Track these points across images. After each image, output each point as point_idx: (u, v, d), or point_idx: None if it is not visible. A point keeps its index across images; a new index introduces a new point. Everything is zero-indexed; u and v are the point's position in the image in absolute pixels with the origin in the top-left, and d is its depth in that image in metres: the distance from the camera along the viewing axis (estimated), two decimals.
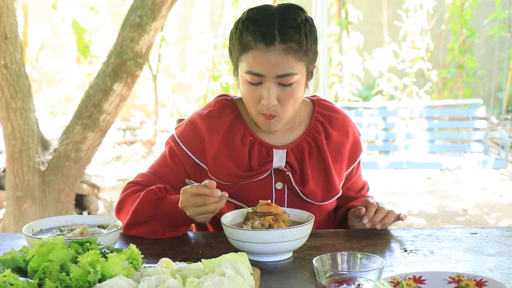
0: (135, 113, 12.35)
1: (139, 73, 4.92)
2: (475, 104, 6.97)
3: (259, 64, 2.09)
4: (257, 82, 2.11)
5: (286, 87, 2.12)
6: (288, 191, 2.26)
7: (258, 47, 2.09)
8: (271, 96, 2.10)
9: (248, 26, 2.12)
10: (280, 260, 1.91)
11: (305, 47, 2.12)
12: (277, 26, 2.09)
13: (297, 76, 2.11)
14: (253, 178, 2.23)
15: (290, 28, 2.09)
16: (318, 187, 2.26)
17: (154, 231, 2.17)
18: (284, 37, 2.08)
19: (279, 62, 2.08)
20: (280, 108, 2.14)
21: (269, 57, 2.08)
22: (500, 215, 6.68)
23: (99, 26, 10.21)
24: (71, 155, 4.92)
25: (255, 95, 2.14)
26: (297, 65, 2.11)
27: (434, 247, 2.02)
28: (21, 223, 4.86)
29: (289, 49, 2.08)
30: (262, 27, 2.09)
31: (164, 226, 2.16)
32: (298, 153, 2.27)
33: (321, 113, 2.34)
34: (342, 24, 8.62)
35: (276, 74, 2.09)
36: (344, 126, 2.35)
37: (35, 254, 1.53)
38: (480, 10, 10.54)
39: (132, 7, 4.81)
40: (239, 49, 2.14)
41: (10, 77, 4.60)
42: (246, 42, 2.11)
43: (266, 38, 2.08)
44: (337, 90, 9.49)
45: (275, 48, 2.08)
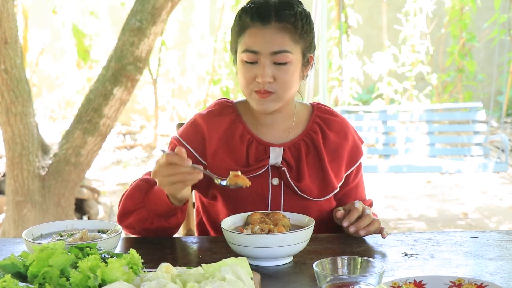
0: (135, 117, 12.36)
1: (139, 78, 4.93)
2: (475, 107, 6.97)
3: (254, 42, 2.16)
4: (253, 60, 2.17)
5: (281, 65, 2.17)
6: (284, 187, 2.28)
7: (255, 25, 2.17)
8: (265, 73, 2.15)
9: (246, 10, 2.22)
10: (280, 265, 1.91)
11: (301, 30, 2.19)
12: (273, 8, 2.18)
13: (291, 55, 2.17)
14: (250, 173, 2.24)
15: (286, 10, 2.18)
16: (314, 184, 2.29)
17: (143, 219, 2.17)
18: (279, 16, 2.17)
19: (274, 39, 2.16)
20: (276, 86, 2.18)
21: (264, 34, 2.16)
22: (500, 219, 6.67)
23: (99, 31, 10.23)
24: (71, 159, 4.92)
25: (250, 74, 2.19)
26: (292, 45, 2.18)
27: (434, 251, 2.02)
28: (21, 228, 4.85)
29: (284, 28, 2.17)
30: (259, 9, 2.18)
31: (152, 215, 2.16)
32: (295, 151, 2.30)
33: (319, 116, 2.38)
34: (341, 28, 8.63)
35: (271, 50, 2.15)
36: (343, 129, 2.38)
37: (35, 259, 1.52)
38: (479, 14, 10.55)
39: (132, 11, 4.81)
40: (237, 32, 2.23)
41: (10, 81, 4.60)
42: (244, 23, 2.20)
43: (262, 16, 2.17)
44: (337, 94, 9.50)
45: (271, 26, 2.16)
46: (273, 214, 2.05)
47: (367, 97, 11.72)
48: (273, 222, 2.00)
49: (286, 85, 2.19)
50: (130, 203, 2.19)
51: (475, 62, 10.12)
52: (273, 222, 1.99)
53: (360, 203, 2.20)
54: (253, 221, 2.01)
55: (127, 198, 2.21)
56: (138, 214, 2.17)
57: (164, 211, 2.15)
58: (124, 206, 2.21)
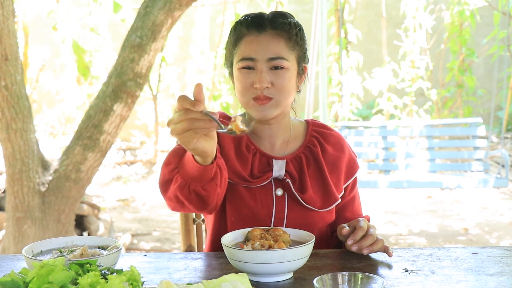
0: (135, 133, 12.38)
1: (139, 94, 4.93)
2: (475, 123, 6.98)
3: (251, 49, 2.20)
4: (250, 66, 2.19)
5: (278, 71, 2.19)
6: (288, 198, 2.29)
7: (250, 33, 2.23)
8: (263, 78, 2.17)
9: (241, 21, 2.27)
10: (281, 281, 1.91)
11: (295, 38, 2.24)
12: (268, 17, 2.25)
13: (287, 62, 2.21)
14: (254, 184, 2.27)
15: (279, 19, 2.24)
16: (317, 195, 2.30)
17: (180, 186, 2.04)
18: (274, 24, 2.22)
19: (270, 45, 2.20)
20: (274, 91, 2.20)
21: (260, 40, 2.20)
22: (501, 234, 6.66)
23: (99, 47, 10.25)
24: (71, 175, 4.92)
25: (247, 81, 2.20)
26: (288, 52, 2.22)
27: (435, 267, 2.01)
28: (21, 244, 4.85)
29: (280, 35, 2.22)
30: (254, 18, 2.25)
31: (187, 179, 2.03)
32: (297, 163, 2.33)
33: (315, 130, 2.42)
34: (341, 44, 8.66)
35: (267, 56, 2.19)
36: (339, 142, 2.42)
37: (35, 276, 1.52)
38: (479, 30, 10.58)
39: (132, 27, 4.82)
40: (233, 42, 2.27)
41: (11, 98, 4.61)
42: (239, 33, 2.25)
43: (257, 24, 2.22)
44: (337, 110, 9.51)
45: (266, 33, 2.22)
46: (273, 230, 2.05)
47: (367, 112, 11.74)
48: (273, 238, 2.00)
49: (284, 90, 2.21)
50: (166, 170, 2.09)
51: (475, 77, 10.14)
52: (274, 238, 1.99)
53: (365, 221, 2.18)
54: (253, 237, 2.01)
55: (165, 166, 2.11)
56: (176, 181, 2.06)
57: (196, 173, 2.01)
58: (162, 176, 2.11)
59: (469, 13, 9.47)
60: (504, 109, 9.05)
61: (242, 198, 2.27)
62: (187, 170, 2.03)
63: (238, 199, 2.26)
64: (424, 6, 10.02)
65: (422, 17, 9.99)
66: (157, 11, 4.71)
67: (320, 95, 7.21)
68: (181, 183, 2.05)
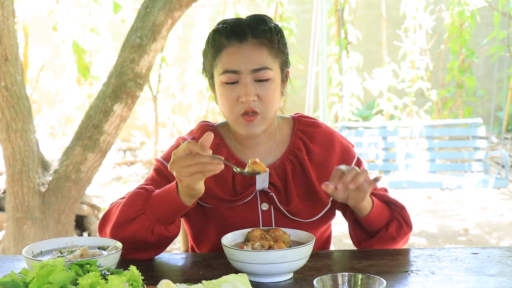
0: (135, 133, 12.38)
1: (139, 94, 4.93)
2: (475, 123, 6.97)
3: (233, 61, 2.12)
4: (234, 80, 2.12)
5: (263, 82, 2.13)
6: (275, 211, 2.25)
7: (231, 44, 2.13)
8: (249, 91, 2.11)
9: (219, 30, 2.18)
10: (281, 281, 1.91)
11: (277, 45, 2.16)
12: (247, 25, 2.15)
13: (272, 72, 2.14)
14: (237, 202, 2.23)
15: (260, 26, 2.15)
16: (304, 205, 2.25)
17: (143, 228, 2.07)
18: (255, 32, 2.14)
19: (253, 55, 2.12)
20: (260, 105, 2.14)
21: (242, 51, 2.12)
22: (501, 235, 6.66)
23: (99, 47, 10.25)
24: (71, 176, 4.92)
25: (232, 96, 2.14)
26: (271, 60, 2.14)
27: (435, 267, 2.01)
28: (21, 244, 4.85)
29: (262, 43, 2.13)
30: (233, 27, 2.15)
31: (153, 220, 2.06)
32: (281, 172, 2.26)
33: (301, 130, 2.33)
34: (341, 44, 8.66)
35: (251, 68, 2.11)
36: (327, 138, 2.33)
37: (35, 276, 1.52)
38: (479, 30, 10.58)
39: (132, 28, 4.82)
40: (213, 54, 2.18)
41: (11, 98, 4.61)
42: (219, 43, 2.16)
43: (238, 34, 2.13)
44: (337, 110, 9.51)
45: (248, 42, 2.13)
46: (273, 230, 2.05)
47: (367, 113, 11.74)
48: (273, 238, 2.00)
49: (269, 103, 2.15)
50: (129, 210, 2.08)
51: (475, 78, 10.14)
52: (274, 239, 1.99)
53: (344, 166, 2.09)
54: (254, 238, 2.01)
55: (126, 207, 2.10)
56: (138, 222, 2.07)
57: (170, 214, 2.07)
58: (122, 215, 2.09)
59: (469, 13, 9.46)
60: (504, 109, 9.05)
61: (226, 219, 2.22)
62: (158, 213, 2.07)
63: (222, 220, 2.22)
64: (424, 6, 10.01)
65: (422, 18, 9.98)
66: (157, 12, 4.71)
67: (320, 95, 7.21)
68: (145, 225, 2.08)
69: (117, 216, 2.11)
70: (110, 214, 2.19)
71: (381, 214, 2.21)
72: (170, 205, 2.06)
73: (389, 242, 2.23)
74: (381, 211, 2.21)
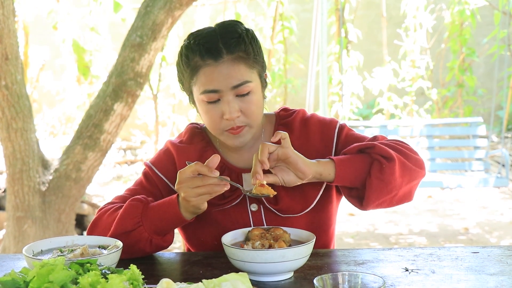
0: (136, 132, 12.37)
1: (139, 93, 4.93)
2: (475, 122, 6.97)
3: (212, 80, 2.09)
4: (215, 99, 2.10)
5: (244, 96, 2.11)
6: (265, 211, 2.24)
7: (207, 64, 2.09)
8: (232, 109, 2.09)
9: (192, 48, 2.12)
10: (281, 280, 1.91)
11: (253, 54, 2.13)
12: (220, 40, 2.10)
13: (252, 84, 2.11)
14: (226, 205, 2.23)
15: (233, 39, 2.10)
16: (294, 200, 2.23)
17: (141, 240, 2.10)
18: (229, 48, 2.09)
19: (231, 72, 2.08)
20: (245, 118, 2.13)
21: (220, 70, 2.08)
22: (501, 234, 6.66)
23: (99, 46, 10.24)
24: (72, 175, 4.92)
25: (216, 113, 2.12)
26: (249, 72, 2.11)
27: (435, 266, 2.01)
28: (21, 243, 4.85)
29: (238, 58, 2.09)
30: (206, 44, 2.10)
31: (151, 232, 2.09)
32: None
33: (281, 123, 2.32)
34: (342, 43, 8.65)
35: (231, 85, 2.08)
36: (302, 123, 2.30)
37: (36, 275, 1.52)
38: (479, 29, 10.58)
39: (133, 27, 4.82)
40: (189, 73, 2.14)
41: (11, 97, 4.61)
42: (194, 63, 2.11)
43: (212, 52, 2.08)
44: (337, 109, 9.50)
45: (224, 60, 2.08)
46: (273, 229, 2.04)
47: (368, 112, 11.74)
48: (273, 237, 2.00)
49: (254, 115, 2.14)
50: (126, 223, 2.10)
51: (475, 77, 10.13)
52: (274, 238, 1.99)
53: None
54: (254, 237, 2.01)
55: (122, 219, 2.11)
56: (136, 234, 2.09)
57: (168, 227, 2.11)
58: (118, 227, 2.10)
59: (469, 12, 9.46)
60: (505, 108, 9.04)
61: (217, 222, 2.23)
62: (156, 225, 2.10)
63: (212, 224, 2.22)
64: (424, 5, 10.01)
65: (423, 17, 9.98)
66: (158, 11, 4.71)
67: (321, 94, 7.21)
68: (144, 237, 2.10)
69: (114, 228, 2.12)
70: (101, 221, 2.20)
71: (352, 165, 2.12)
72: (170, 219, 2.09)
73: (384, 187, 2.10)
74: (351, 163, 2.12)
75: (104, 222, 2.17)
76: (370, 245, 6.41)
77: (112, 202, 2.26)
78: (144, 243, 2.11)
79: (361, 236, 6.72)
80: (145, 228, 2.09)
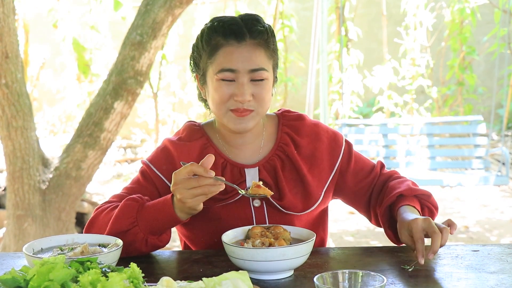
0: (136, 131, 12.37)
1: (139, 91, 4.93)
2: (475, 120, 6.97)
3: (231, 60, 2.13)
4: (230, 78, 2.13)
5: (258, 82, 2.14)
6: (267, 207, 2.25)
7: (229, 43, 2.14)
8: (245, 90, 2.12)
9: (216, 29, 2.17)
10: (281, 278, 1.91)
11: (272, 47, 2.19)
12: (244, 26, 2.15)
13: (267, 73, 2.16)
14: (228, 200, 2.22)
15: (256, 27, 2.16)
16: (297, 198, 2.25)
17: (136, 240, 2.09)
18: (253, 33, 2.14)
19: (251, 56, 2.13)
20: (255, 104, 2.15)
21: (241, 51, 2.13)
22: (501, 232, 6.66)
23: (99, 45, 10.25)
24: (72, 173, 4.92)
25: (227, 92, 2.14)
26: (267, 61, 2.17)
27: (435, 264, 2.01)
28: (21, 242, 4.85)
29: (260, 44, 2.15)
30: (231, 26, 2.15)
31: (146, 232, 2.09)
32: (271, 168, 2.27)
33: (286, 124, 2.34)
34: (342, 42, 8.64)
35: (249, 68, 2.12)
36: (313, 130, 2.34)
37: (36, 273, 1.52)
38: (479, 28, 10.57)
39: (133, 25, 4.82)
40: (208, 52, 2.17)
41: (11, 96, 4.61)
42: (216, 42, 2.15)
43: (236, 34, 2.13)
44: (337, 107, 9.51)
45: (246, 43, 2.14)
46: (274, 227, 2.04)
47: (368, 110, 11.74)
48: (274, 235, 2.00)
49: (264, 102, 2.17)
50: (122, 223, 2.09)
51: (475, 75, 10.13)
52: (274, 236, 1.99)
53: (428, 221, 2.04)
54: (254, 235, 2.01)
55: (118, 219, 2.10)
56: (132, 234, 2.09)
57: (163, 227, 2.11)
58: (114, 227, 2.10)
59: (469, 11, 9.46)
60: (505, 107, 9.04)
61: (219, 218, 2.22)
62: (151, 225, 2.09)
63: (214, 220, 2.22)
64: (424, 4, 10.01)
65: (423, 15, 9.97)
66: (158, 9, 4.70)
67: (321, 93, 7.20)
68: (140, 237, 2.10)
69: (110, 228, 2.12)
70: (97, 220, 2.20)
71: (413, 210, 2.18)
72: (165, 219, 2.08)
73: None
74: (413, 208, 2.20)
75: (101, 222, 2.17)
76: (370, 243, 6.41)
77: (109, 201, 2.26)
78: (140, 243, 2.11)
79: (361, 234, 6.72)
80: (140, 228, 2.09)
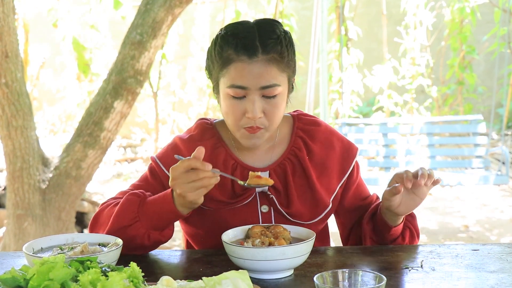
0: (136, 130, 12.38)
1: (139, 91, 4.92)
2: (475, 120, 6.97)
3: (242, 77, 2.06)
4: (241, 95, 2.08)
5: (270, 99, 2.09)
6: (275, 213, 2.23)
7: (241, 59, 2.06)
8: (256, 109, 2.07)
9: (228, 40, 2.10)
10: (281, 278, 1.91)
11: (287, 58, 2.10)
12: (257, 38, 2.07)
13: (280, 87, 2.09)
14: (237, 204, 2.21)
15: (271, 39, 2.08)
16: (305, 206, 2.23)
17: (138, 235, 2.08)
18: (266, 48, 2.06)
19: (263, 73, 2.06)
20: (266, 121, 2.11)
21: (252, 68, 2.06)
22: (501, 231, 6.66)
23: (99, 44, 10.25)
24: (72, 173, 4.92)
25: (239, 109, 2.10)
26: (280, 76, 2.09)
27: (435, 264, 2.01)
28: (21, 241, 4.85)
29: (272, 59, 2.07)
30: (243, 40, 2.07)
31: (148, 227, 2.08)
32: (281, 173, 2.24)
33: (301, 128, 2.31)
34: (342, 41, 8.65)
35: (260, 85, 2.06)
36: (328, 137, 2.31)
37: (36, 273, 1.52)
38: (479, 27, 10.57)
39: (133, 25, 4.82)
40: (220, 64, 2.11)
41: (11, 95, 4.61)
42: (227, 55, 2.08)
43: (248, 49, 2.06)
44: (337, 107, 9.51)
45: (258, 59, 2.06)
46: (273, 227, 2.04)
47: (368, 109, 11.74)
48: (273, 235, 2.00)
49: (275, 118, 2.13)
50: (123, 218, 2.08)
51: (475, 74, 10.13)
52: (274, 235, 1.99)
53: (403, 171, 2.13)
54: (254, 234, 2.01)
55: (119, 214, 2.09)
56: (133, 229, 2.08)
57: (165, 222, 2.10)
58: (116, 222, 2.09)
59: (469, 10, 9.46)
60: (505, 106, 9.04)
61: (225, 222, 2.20)
62: (153, 220, 2.08)
63: (221, 223, 2.19)
64: (424, 3, 10.01)
65: (423, 14, 9.97)
66: (158, 8, 4.70)
67: (321, 92, 7.21)
68: (141, 232, 2.09)
69: (111, 223, 2.11)
70: (101, 216, 2.19)
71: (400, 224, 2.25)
72: (166, 214, 2.07)
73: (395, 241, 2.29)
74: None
75: (104, 217, 2.17)
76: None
77: (115, 197, 2.25)
78: (142, 238, 2.09)
79: None
80: (142, 224, 2.08)
